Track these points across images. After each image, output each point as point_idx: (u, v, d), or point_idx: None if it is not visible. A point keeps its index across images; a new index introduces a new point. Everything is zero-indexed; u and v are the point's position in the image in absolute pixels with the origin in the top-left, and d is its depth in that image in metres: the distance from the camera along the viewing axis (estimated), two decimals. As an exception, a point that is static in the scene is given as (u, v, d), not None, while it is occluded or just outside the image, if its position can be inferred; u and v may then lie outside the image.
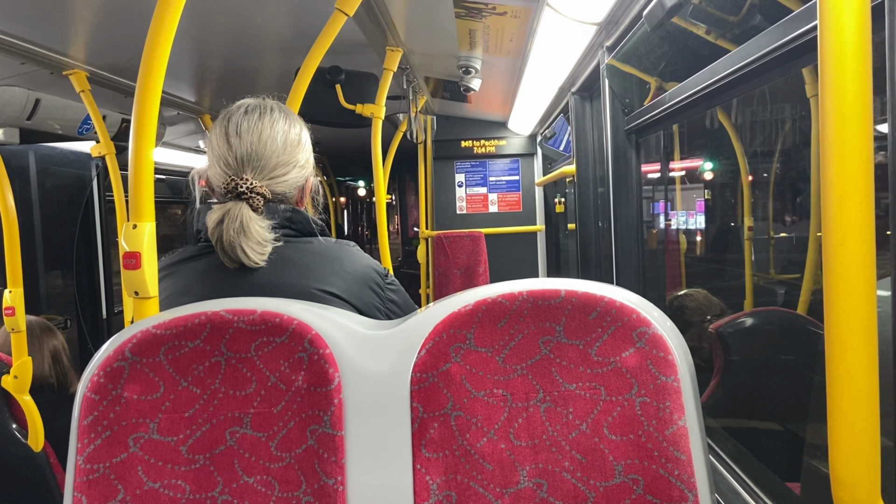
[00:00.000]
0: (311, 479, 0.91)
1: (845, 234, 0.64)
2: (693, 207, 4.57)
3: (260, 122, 1.25)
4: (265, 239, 1.19)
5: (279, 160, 1.25)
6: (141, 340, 0.92)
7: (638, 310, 0.92)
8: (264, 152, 1.23)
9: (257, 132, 1.24)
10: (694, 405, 0.90)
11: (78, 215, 4.02)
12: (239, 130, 1.24)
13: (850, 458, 0.67)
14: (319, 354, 0.92)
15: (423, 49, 2.77)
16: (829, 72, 0.65)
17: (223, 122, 1.26)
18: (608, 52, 2.26)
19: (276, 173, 1.25)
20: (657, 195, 4.08)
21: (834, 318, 0.66)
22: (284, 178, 1.26)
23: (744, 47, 1.35)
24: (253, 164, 1.23)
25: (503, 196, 4.94)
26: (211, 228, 1.18)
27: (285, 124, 1.28)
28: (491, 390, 0.93)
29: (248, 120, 1.25)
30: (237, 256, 1.17)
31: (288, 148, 1.26)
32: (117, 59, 2.49)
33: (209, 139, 1.29)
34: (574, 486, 0.91)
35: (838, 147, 0.64)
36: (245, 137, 1.23)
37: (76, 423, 0.90)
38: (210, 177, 1.28)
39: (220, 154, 1.24)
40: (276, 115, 1.28)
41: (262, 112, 1.27)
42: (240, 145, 1.23)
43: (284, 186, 1.26)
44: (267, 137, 1.24)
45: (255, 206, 1.20)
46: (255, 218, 1.18)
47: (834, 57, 0.64)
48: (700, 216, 4.58)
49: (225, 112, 1.29)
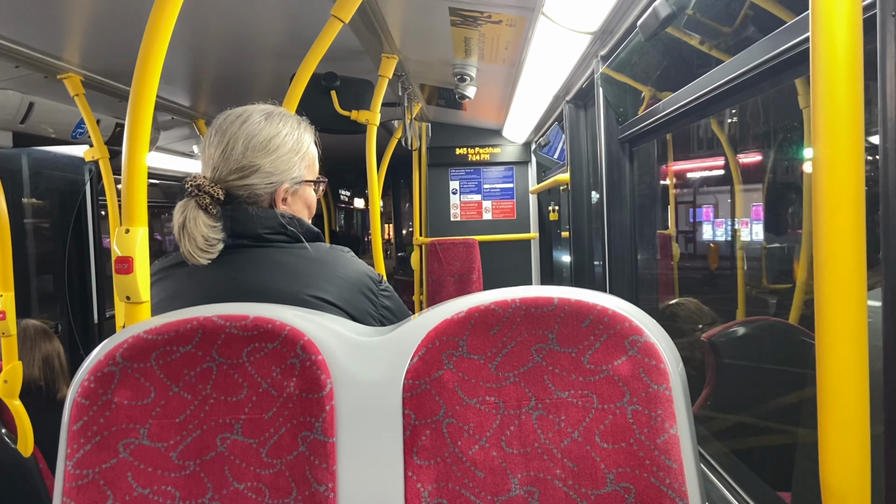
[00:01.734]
0: (302, 486, 0.91)
1: (836, 244, 0.64)
2: (747, 214, 3.68)
3: (231, 126, 1.27)
4: (210, 236, 1.20)
5: (236, 165, 1.25)
6: (132, 345, 0.91)
7: (630, 318, 0.92)
8: (225, 155, 1.25)
9: (226, 136, 1.26)
10: (686, 414, 0.90)
11: (70, 219, 4.01)
12: (214, 132, 1.27)
13: (840, 467, 0.67)
14: (312, 361, 0.92)
15: (419, 56, 2.78)
16: (822, 82, 0.65)
17: (212, 127, 1.30)
18: (602, 61, 2.27)
19: (231, 178, 1.25)
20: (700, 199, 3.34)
21: (825, 328, 0.66)
22: (244, 181, 1.25)
23: (737, 58, 1.36)
24: (214, 165, 1.25)
25: (497, 203, 4.95)
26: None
27: (256, 127, 1.27)
28: (483, 397, 0.93)
29: (225, 123, 1.28)
30: (185, 252, 1.19)
31: (248, 152, 1.25)
32: (112, 63, 2.49)
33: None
34: (566, 495, 0.91)
35: (830, 157, 0.64)
36: (214, 139, 1.27)
37: (66, 428, 0.90)
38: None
39: (204, 156, 1.28)
40: (253, 119, 1.28)
41: (239, 116, 1.28)
42: (209, 147, 1.27)
43: (244, 191, 1.26)
44: (231, 138, 1.25)
45: (201, 205, 1.20)
46: (200, 215, 1.20)
47: (826, 68, 0.65)
48: (758, 226, 3.69)
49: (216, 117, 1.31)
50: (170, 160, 4.58)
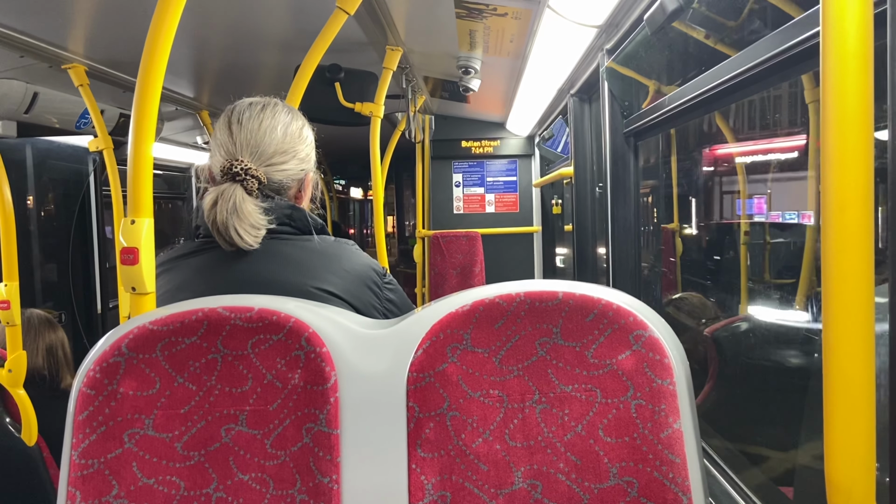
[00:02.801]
0: (307, 478, 0.91)
1: (845, 239, 0.64)
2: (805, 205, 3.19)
3: (262, 113, 1.28)
4: (258, 222, 1.19)
5: (277, 148, 1.26)
6: (137, 336, 0.92)
7: (635, 313, 0.92)
8: (263, 139, 1.25)
9: (258, 121, 1.26)
10: (689, 408, 0.91)
11: (74, 209, 4.01)
12: (241, 119, 1.27)
13: (845, 462, 0.67)
14: (316, 353, 0.92)
15: (423, 48, 2.77)
16: (831, 78, 0.65)
17: (227, 114, 1.29)
18: (608, 54, 2.26)
19: (274, 161, 1.26)
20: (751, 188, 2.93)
21: (832, 322, 0.66)
22: (282, 167, 1.27)
23: (744, 52, 1.35)
24: (251, 150, 1.24)
25: (500, 197, 4.94)
26: (206, 210, 1.19)
27: (287, 117, 1.30)
28: (487, 391, 0.93)
29: (251, 111, 1.28)
30: (231, 238, 1.17)
31: (288, 138, 1.28)
32: (116, 53, 2.49)
33: (213, 132, 1.31)
34: (568, 488, 0.91)
35: (839, 153, 0.64)
36: (246, 125, 1.26)
37: (71, 418, 0.90)
38: (211, 165, 1.29)
39: (222, 141, 1.26)
40: (279, 108, 1.31)
41: (265, 105, 1.30)
42: (240, 132, 1.25)
43: (282, 175, 1.27)
44: (267, 126, 1.26)
45: (249, 189, 1.20)
46: (248, 199, 1.19)
47: (835, 63, 0.65)
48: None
49: (229, 108, 1.31)
50: (174, 151, 4.58)
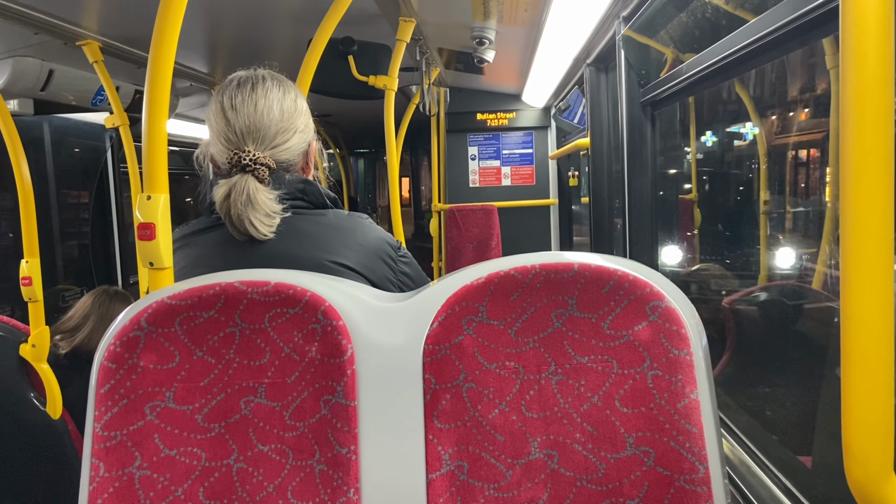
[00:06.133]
0: (325, 448, 0.92)
1: (864, 207, 0.63)
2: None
3: (254, 94, 1.25)
4: (273, 210, 1.19)
5: (278, 128, 1.25)
6: (156, 311, 0.93)
7: (651, 283, 0.92)
8: (262, 122, 1.24)
9: (252, 103, 1.24)
10: (706, 379, 0.90)
11: (92, 186, 4.04)
12: (234, 104, 1.24)
13: (863, 432, 0.67)
14: (333, 326, 0.93)
15: (437, 19, 2.74)
16: (851, 42, 0.63)
17: (218, 98, 1.27)
18: (624, 22, 2.22)
19: (278, 141, 1.25)
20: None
21: (850, 291, 0.66)
22: (286, 145, 1.26)
23: (763, 17, 1.32)
24: (253, 136, 1.23)
25: (516, 169, 4.91)
26: (219, 203, 1.19)
27: (279, 92, 1.28)
28: (503, 363, 0.94)
29: (242, 93, 1.25)
30: (245, 229, 1.18)
31: (285, 115, 1.26)
32: (130, 29, 2.49)
33: (207, 116, 1.29)
34: (585, 458, 0.91)
35: (858, 121, 0.63)
36: (241, 110, 1.24)
37: (93, 391, 0.92)
38: (213, 154, 1.28)
39: (220, 130, 1.25)
40: (269, 83, 1.28)
41: (254, 83, 1.27)
42: (237, 119, 1.23)
43: (288, 154, 1.27)
44: (263, 107, 1.24)
45: (260, 178, 1.20)
46: (261, 189, 1.19)
47: (856, 27, 0.63)
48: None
49: (219, 88, 1.29)
50: (189, 127, 4.59)
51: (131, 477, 0.90)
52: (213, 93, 1.29)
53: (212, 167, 1.32)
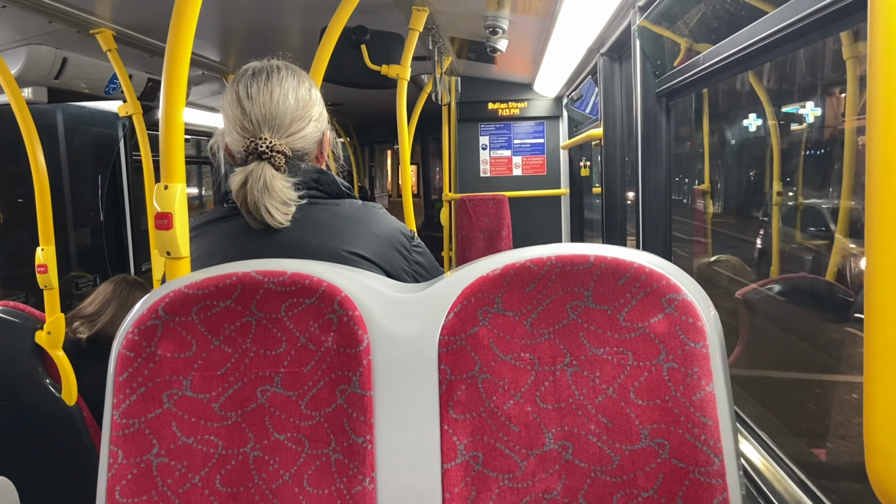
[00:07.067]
0: (341, 438, 0.93)
1: (891, 202, 0.62)
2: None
3: (269, 83, 1.26)
4: (289, 198, 1.20)
5: (294, 116, 1.26)
6: (173, 300, 0.93)
7: (668, 276, 0.91)
8: (278, 110, 1.24)
9: (268, 92, 1.25)
10: (722, 371, 0.90)
11: (106, 174, 4.06)
12: (249, 93, 1.25)
13: (885, 427, 0.66)
14: (349, 316, 0.93)
15: (450, 8, 2.73)
16: (879, 34, 0.63)
17: (233, 88, 1.27)
18: (640, 12, 2.20)
19: (293, 129, 1.26)
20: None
21: (875, 287, 0.65)
22: (301, 133, 1.27)
23: (783, 8, 1.31)
24: (269, 124, 1.23)
25: (527, 159, 4.89)
26: (235, 191, 1.19)
27: (294, 81, 1.28)
28: (518, 354, 0.94)
29: (257, 82, 1.26)
30: (262, 217, 1.18)
31: (300, 103, 1.27)
32: (143, 18, 2.49)
33: (222, 106, 1.29)
34: (599, 449, 0.92)
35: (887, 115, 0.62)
36: (257, 99, 1.24)
37: (111, 379, 0.92)
38: (228, 143, 1.29)
39: (236, 118, 1.25)
40: (284, 73, 1.28)
41: (269, 73, 1.27)
42: (252, 107, 1.24)
43: (303, 143, 1.27)
44: (278, 96, 1.25)
45: (277, 165, 1.20)
46: (278, 177, 1.19)
47: (885, 18, 0.62)
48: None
49: (233, 78, 1.30)
50: (201, 115, 4.60)
51: (149, 464, 0.91)
52: (228, 83, 1.29)
53: (226, 158, 1.32)
